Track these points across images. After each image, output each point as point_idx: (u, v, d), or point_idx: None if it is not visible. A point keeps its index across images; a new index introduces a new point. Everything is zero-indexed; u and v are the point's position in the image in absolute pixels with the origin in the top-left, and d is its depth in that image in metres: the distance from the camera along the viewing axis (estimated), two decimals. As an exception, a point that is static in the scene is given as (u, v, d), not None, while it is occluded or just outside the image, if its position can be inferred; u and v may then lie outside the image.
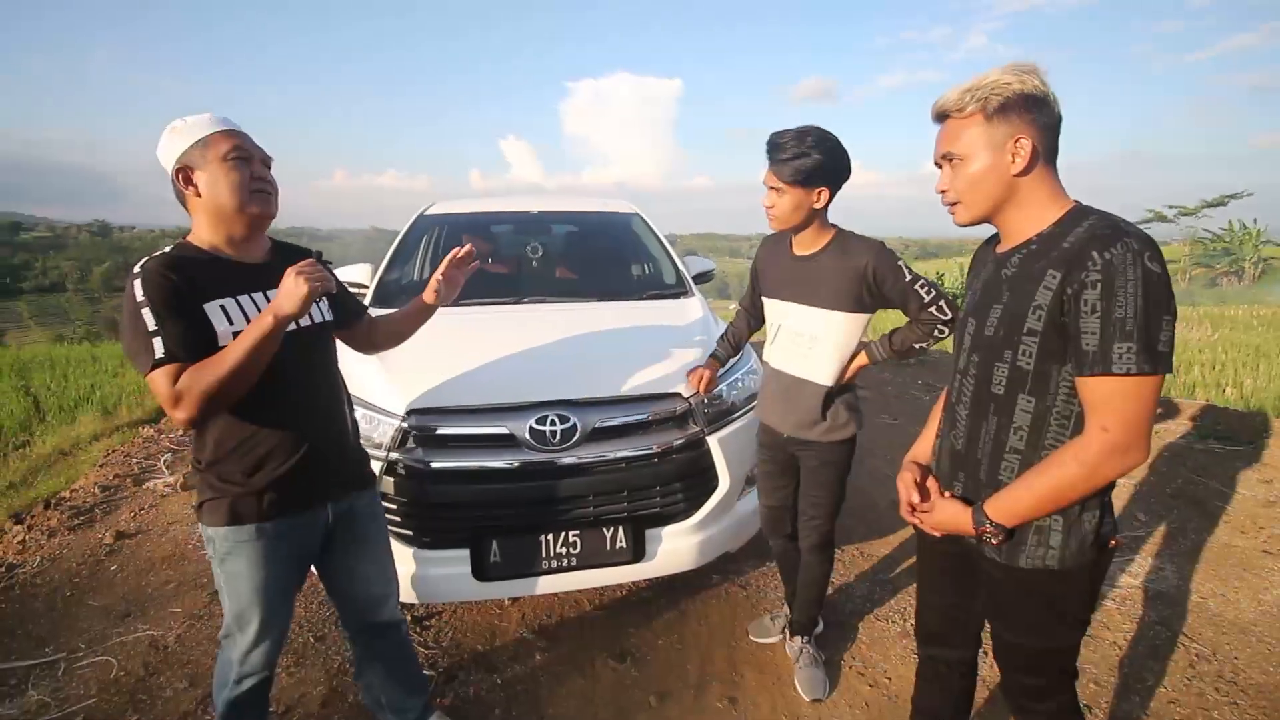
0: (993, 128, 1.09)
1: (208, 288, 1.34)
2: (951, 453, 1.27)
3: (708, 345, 2.45)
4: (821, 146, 1.66)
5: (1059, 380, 1.09)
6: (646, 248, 3.55)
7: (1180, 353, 9.02)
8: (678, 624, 2.41)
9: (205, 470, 1.42)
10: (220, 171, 1.35)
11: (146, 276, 1.29)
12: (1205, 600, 2.52)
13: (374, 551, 1.67)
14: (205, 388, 1.26)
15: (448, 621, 2.43)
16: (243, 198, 1.37)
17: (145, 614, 2.58)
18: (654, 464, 2.07)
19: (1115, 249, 0.99)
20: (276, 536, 1.45)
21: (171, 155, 1.36)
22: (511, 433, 1.96)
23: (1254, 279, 30.19)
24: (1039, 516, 1.12)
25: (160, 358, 1.26)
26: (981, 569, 1.25)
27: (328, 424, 1.55)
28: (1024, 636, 1.23)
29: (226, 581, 1.46)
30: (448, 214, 3.63)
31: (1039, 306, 1.06)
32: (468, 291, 3.00)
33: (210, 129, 1.37)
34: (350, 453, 1.62)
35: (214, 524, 1.41)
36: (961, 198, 1.15)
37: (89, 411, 6.01)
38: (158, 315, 1.27)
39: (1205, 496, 3.43)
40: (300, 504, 1.49)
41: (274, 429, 1.42)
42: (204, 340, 1.31)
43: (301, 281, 1.29)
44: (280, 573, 1.49)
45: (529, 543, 1.96)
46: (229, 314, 1.36)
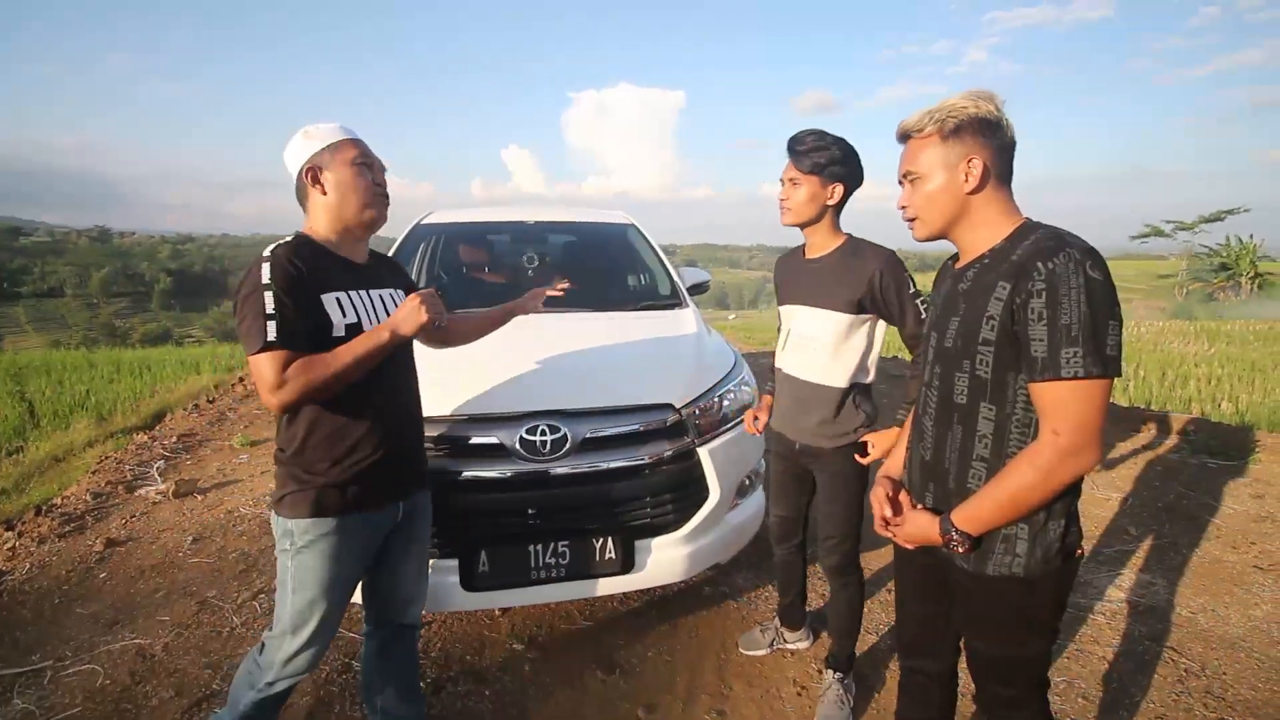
0: (948, 148, 1.16)
1: (326, 279, 1.43)
2: (921, 464, 1.30)
3: (702, 356, 2.46)
4: (840, 145, 1.72)
5: (1016, 388, 1.13)
6: (642, 258, 3.57)
7: (1177, 366, 9.04)
8: (668, 636, 2.41)
9: (290, 460, 1.46)
10: (348, 174, 1.47)
11: (276, 261, 1.37)
12: (1195, 615, 2.52)
13: (420, 550, 1.72)
14: (310, 381, 1.33)
15: (437, 632, 2.42)
16: (367, 199, 1.49)
17: (133, 622, 2.57)
18: (644, 475, 2.08)
19: (1058, 259, 1.03)
20: (356, 530, 1.50)
21: (302, 156, 1.46)
22: (502, 442, 1.97)
23: (1250, 294, 30.32)
24: (1002, 524, 1.15)
25: (272, 340, 1.32)
26: (954, 579, 1.28)
27: (410, 419, 1.64)
28: (995, 645, 1.25)
29: (297, 576, 1.47)
30: (444, 223, 3.65)
31: (991, 317, 1.11)
32: (462, 300, 3.05)
33: (340, 135, 1.49)
34: (422, 450, 1.70)
35: (297, 515, 1.44)
36: (919, 213, 1.22)
37: (84, 417, 6.01)
38: (279, 300, 1.34)
39: (1196, 511, 3.43)
40: (383, 498, 1.54)
41: (363, 421, 1.48)
42: (317, 330, 1.39)
43: (424, 310, 1.44)
44: (351, 569, 1.53)
45: (518, 553, 1.96)
46: (343, 306, 1.44)
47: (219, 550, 3.15)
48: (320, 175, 1.47)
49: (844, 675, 2.04)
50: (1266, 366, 9.04)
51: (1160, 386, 7.84)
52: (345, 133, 1.51)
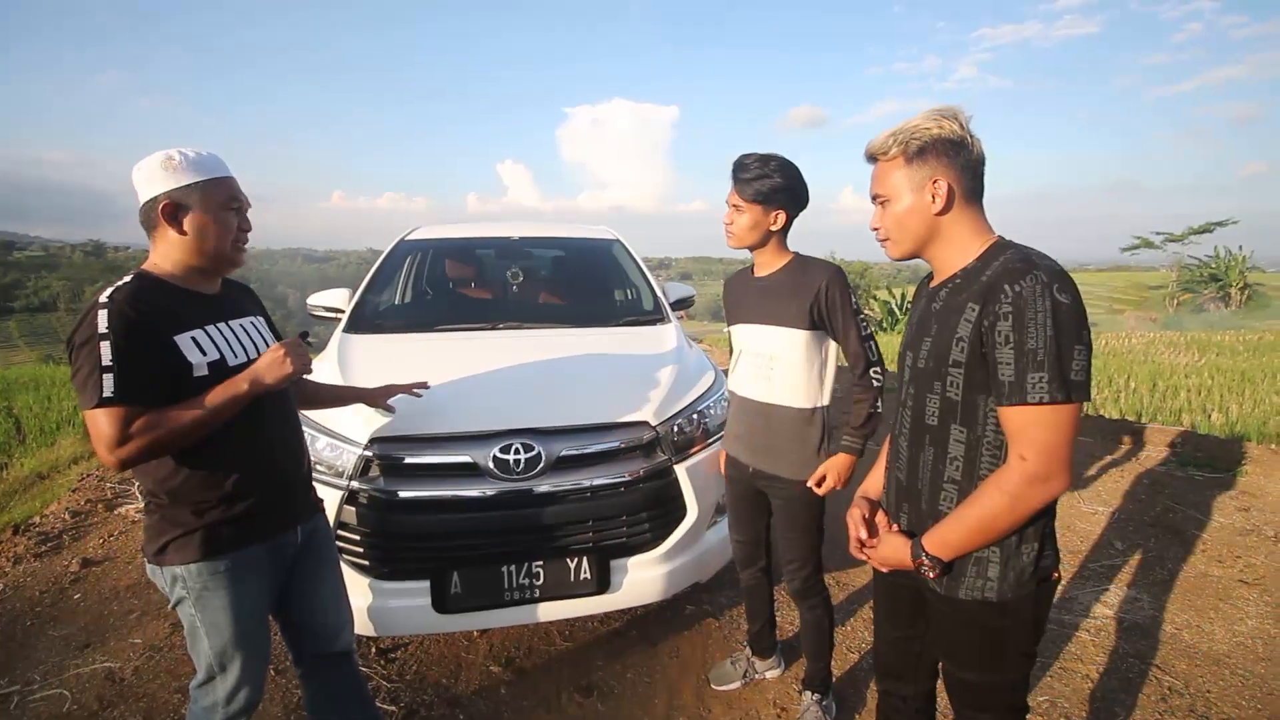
0: (913, 170, 1.15)
1: (177, 318, 1.33)
2: (897, 485, 1.30)
3: (681, 372, 2.45)
4: (783, 171, 1.72)
5: (987, 411, 1.12)
6: (626, 274, 3.56)
7: (1168, 377, 9.07)
8: (647, 657, 2.37)
9: (168, 503, 1.36)
10: (215, 219, 1.36)
11: (114, 309, 1.26)
12: (1179, 631, 2.50)
13: (333, 575, 1.66)
14: (156, 439, 1.24)
15: (412, 654, 2.38)
16: (226, 247, 1.40)
17: (105, 644, 2.52)
18: (620, 493, 2.05)
19: (1025, 281, 1.03)
20: (253, 564, 1.43)
21: (160, 186, 1.33)
22: (475, 461, 1.95)
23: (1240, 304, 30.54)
24: (973, 548, 1.13)
25: (108, 396, 1.22)
26: (929, 603, 1.26)
27: (294, 442, 1.57)
28: (970, 670, 1.24)
29: (204, 621, 1.38)
30: (428, 239, 3.65)
31: (961, 339, 1.10)
32: (444, 317, 3.03)
33: (211, 174, 1.37)
34: (310, 476, 1.63)
35: (185, 560, 1.35)
36: (890, 234, 1.21)
37: (71, 434, 5.95)
38: (118, 350, 1.23)
39: (1183, 525, 3.42)
40: (276, 529, 1.47)
41: (244, 455, 1.40)
42: (174, 375, 1.30)
43: (288, 362, 1.37)
44: (260, 602, 1.46)
45: (491, 574, 1.93)
46: (200, 345, 1.35)
47: (196, 570, 3.10)
48: (180, 215, 1.34)
49: (822, 696, 2.01)
50: (1257, 377, 9.07)
51: (1151, 397, 7.86)
52: (216, 169, 1.38)
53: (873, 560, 1.29)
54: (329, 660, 1.67)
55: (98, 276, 73.20)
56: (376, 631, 1.95)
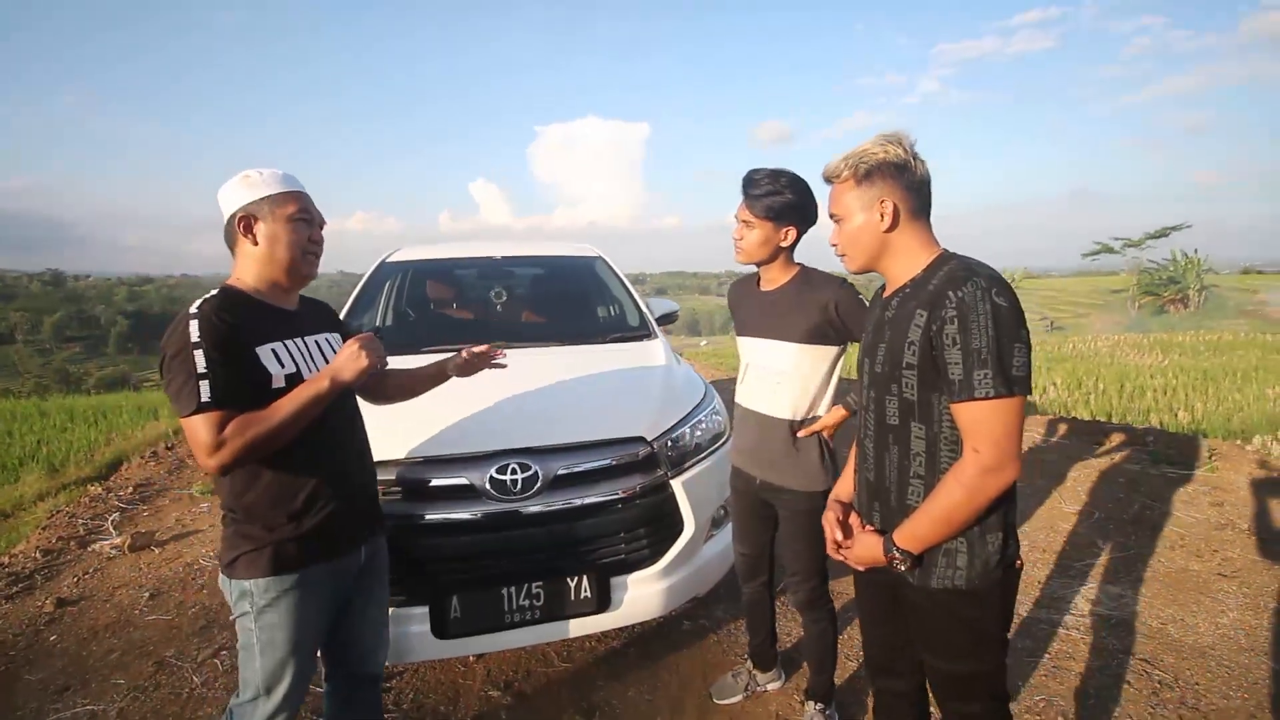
0: (863, 191, 1.26)
1: (258, 330, 1.38)
2: (866, 485, 1.37)
3: (672, 387, 2.46)
4: (794, 187, 1.73)
5: (940, 408, 1.20)
6: (610, 291, 3.58)
7: (1133, 379, 9.34)
8: (648, 674, 2.36)
9: (242, 518, 1.39)
10: (284, 230, 1.42)
11: (204, 317, 1.31)
12: (1165, 626, 2.56)
13: (383, 595, 1.67)
14: (250, 440, 1.28)
15: (408, 682, 2.33)
16: (297, 256, 1.44)
17: (86, 687, 2.43)
18: (617, 510, 2.05)
19: (966, 288, 1.12)
20: (319, 582, 1.44)
21: (237, 202, 1.41)
22: (471, 483, 1.93)
23: (1199, 306, 31.62)
24: (940, 540, 1.21)
25: (206, 401, 1.26)
26: (906, 597, 1.33)
27: (361, 461, 1.60)
28: (949, 660, 1.30)
29: (263, 637, 1.39)
30: (410, 260, 3.63)
31: (912, 342, 1.19)
32: (430, 338, 3.02)
33: (283, 187, 1.44)
34: (377, 491, 1.66)
35: (254, 575, 1.37)
36: (846, 250, 1.32)
37: (35, 469, 5.74)
38: (210, 359, 1.28)
39: (1161, 521, 3.52)
40: (344, 545, 1.49)
41: (315, 470, 1.43)
42: (255, 385, 1.34)
43: (363, 355, 1.40)
44: (319, 621, 1.47)
45: (491, 596, 1.91)
46: (279, 357, 1.39)
47: (177, 605, 3.01)
48: (254, 225, 1.41)
49: (825, 706, 2.02)
50: (1218, 375, 9.39)
51: (1120, 398, 8.08)
52: (288, 184, 1.45)
53: (849, 560, 1.36)
54: (361, 679, 1.67)
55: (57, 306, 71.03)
56: (375, 660, 1.91)
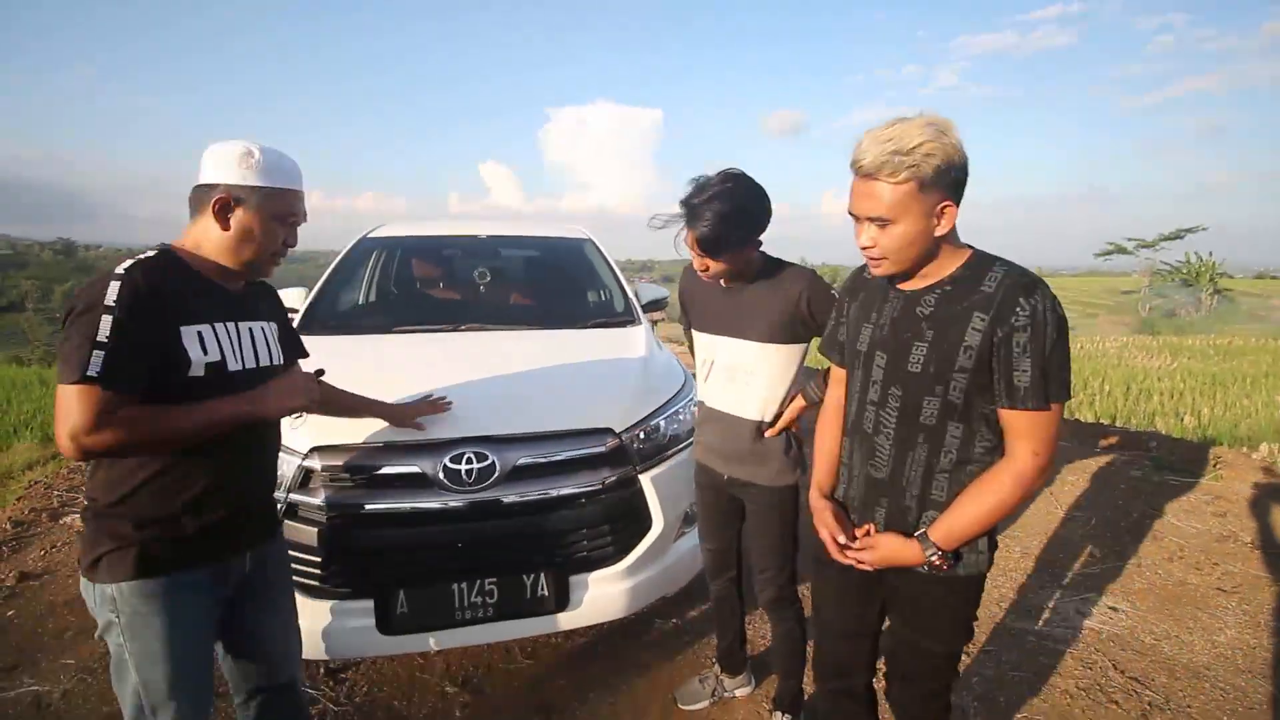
0: (925, 196, 1.12)
1: (189, 307, 1.22)
2: (869, 480, 1.32)
3: (648, 377, 2.34)
4: (743, 210, 1.56)
5: (981, 408, 1.19)
6: (597, 274, 3.45)
7: (1141, 381, 9.17)
8: (612, 675, 2.25)
9: (107, 513, 1.21)
10: (263, 228, 1.28)
11: (128, 282, 1.14)
12: (1159, 643, 2.44)
13: (285, 603, 1.52)
14: (135, 437, 1.13)
15: (364, 674, 2.24)
16: (264, 259, 1.33)
17: (35, 666, 2.35)
18: (580, 505, 1.94)
19: (1036, 297, 1.11)
20: (195, 588, 1.28)
21: (225, 177, 1.25)
22: (424, 472, 1.82)
23: (1210, 309, 31.20)
24: (976, 535, 1.23)
25: (93, 375, 1.08)
26: (898, 588, 1.34)
27: (265, 470, 1.45)
28: (942, 642, 1.33)
29: (134, 652, 1.23)
30: (392, 236, 3.51)
31: (969, 347, 1.15)
32: (403, 318, 2.90)
33: (283, 183, 1.30)
34: (274, 501, 1.52)
35: (117, 579, 1.20)
36: (889, 255, 1.19)
37: (28, 438, 5.69)
38: (118, 328, 1.11)
39: (1161, 531, 3.39)
40: (227, 553, 1.33)
41: (210, 471, 1.27)
42: (167, 369, 1.18)
43: (298, 396, 1.34)
44: (199, 633, 1.31)
45: (440, 592, 1.81)
46: (204, 342, 1.23)
47: (140, 584, 2.94)
48: (232, 210, 1.26)
49: (793, 717, 1.92)
50: (1227, 380, 9.21)
51: (1125, 401, 7.92)
52: (289, 179, 1.31)
53: (864, 561, 1.30)
54: (274, 690, 1.52)
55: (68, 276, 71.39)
56: (316, 655, 1.81)
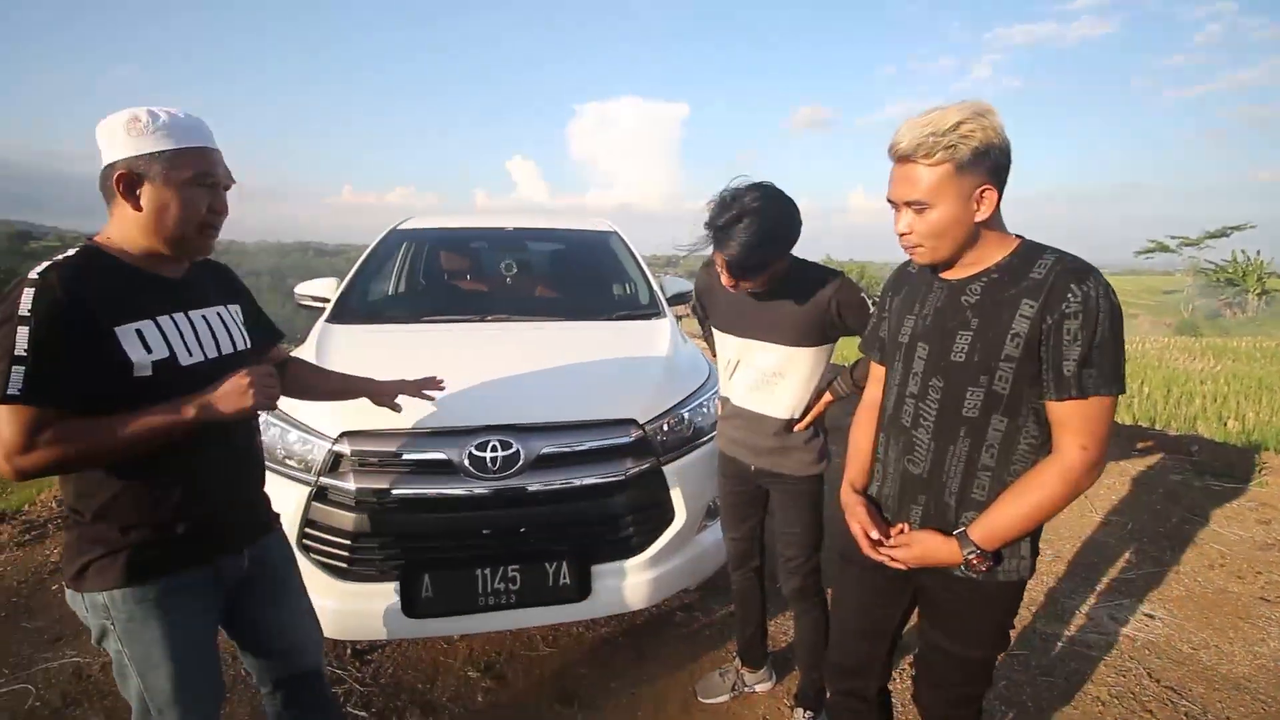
0: (962, 179, 1.09)
1: (123, 304, 1.12)
2: (905, 476, 1.27)
3: (672, 369, 2.33)
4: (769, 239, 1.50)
5: (1029, 401, 1.14)
6: (623, 267, 3.45)
7: (1183, 384, 8.87)
8: (634, 665, 2.26)
9: (90, 521, 1.15)
10: (177, 197, 1.14)
11: (44, 288, 1.04)
12: (1197, 651, 2.36)
13: (290, 598, 1.48)
14: (70, 455, 1.05)
15: (389, 656, 2.28)
16: (190, 233, 1.18)
17: (76, 639, 2.44)
18: (603, 495, 1.95)
19: (1089, 283, 1.06)
20: (188, 590, 1.22)
21: (121, 151, 1.12)
22: (449, 458, 1.84)
23: (1258, 310, 30.04)
24: (1021, 536, 1.17)
25: (14, 394, 1.00)
26: (932, 590, 1.29)
27: (248, 461, 1.38)
28: (978, 649, 1.28)
29: (136, 657, 1.18)
30: (421, 229, 3.55)
31: (1017, 334, 1.10)
32: (430, 308, 2.94)
33: (182, 142, 1.14)
34: (264, 494, 1.46)
35: (107, 586, 1.14)
36: (925, 242, 1.16)
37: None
38: (38, 340, 1.02)
39: (1201, 537, 3.27)
40: (215, 551, 1.27)
41: (189, 470, 1.20)
42: (110, 375, 1.10)
43: (250, 394, 1.16)
44: (200, 633, 1.26)
45: (464, 577, 1.83)
46: (148, 340, 1.13)
47: (176, 563, 3.03)
48: (137, 186, 1.13)
49: (815, 714, 1.90)
50: (1274, 384, 8.86)
51: (1166, 403, 7.67)
52: (191, 137, 1.16)
53: (899, 559, 1.25)
54: (293, 682, 1.51)
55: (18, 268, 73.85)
56: (341, 635, 1.85)
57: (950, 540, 1.18)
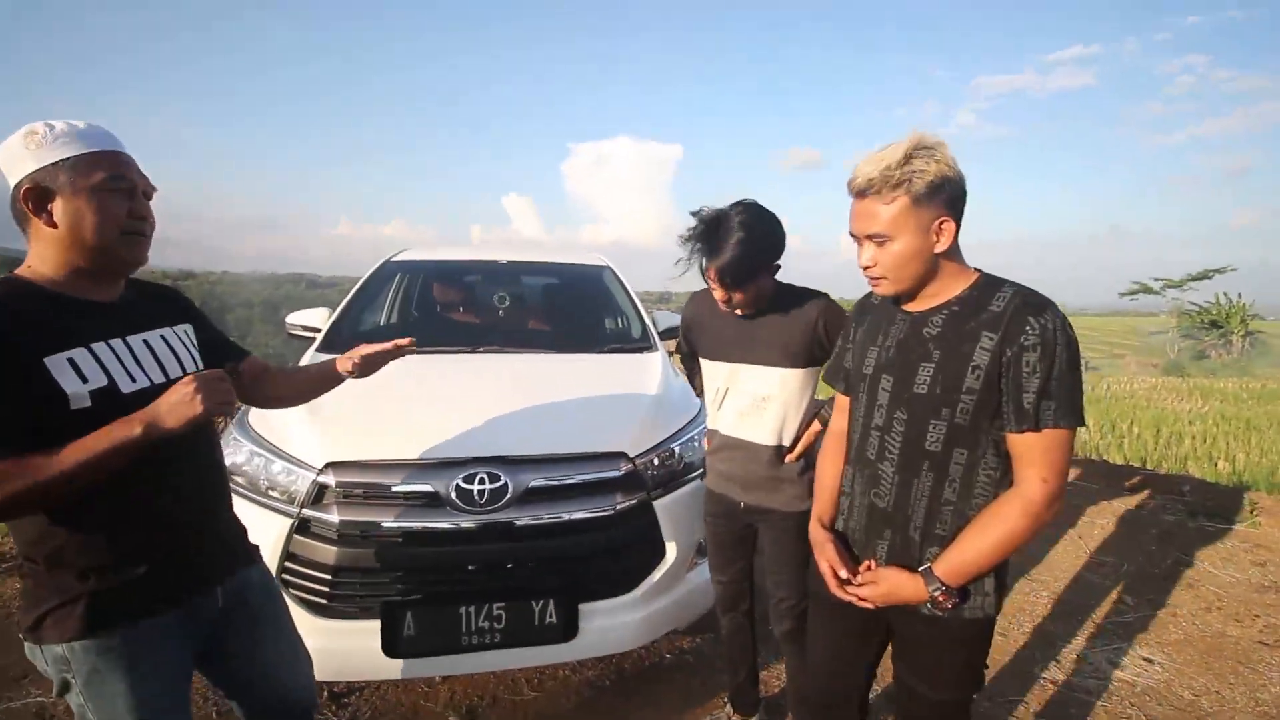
0: (919, 211, 1.12)
1: (53, 334, 1.05)
2: (871, 510, 1.28)
3: (663, 403, 2.32)
4: (757, 246, 1.55)
5: (988, 433, 1.15)
6: (615, 301, 3.46)
7: (1171, 424, 8.91)
8: (620, 710, 2.18)
9: (44, 568, 1.07)
10: (90, 205, 1.07)
11: None
12: (1198, 698, 2.31)
13: (276, 635, 1.40)
14: (18, 492, 0.96)
15: (367, 699, 2.19)
16: (112, 239, 1.10)
17: (41, 677, 2.32)
18: (592, 530, 1.90)
19: (1046, 316, 1.09)
20: (157, 637, 1.15)
21: (21, 169, 1.06)
22: (436, 490, 1.80)
23: (1242, 351, 30.46)
24: (985, 572, 1.16)
25: None
26: (901, 629, 1.27)
27: (214, 483, 1.30)
28: (948, 691, 1.26)
29: (96, 712, 1.10)
30: (415, 260, 3.56)
31: (977, 367, 1.12)
32: (423, 338, 2.91)
33: (85, 147, 1.08)
34: (234, 520, 1.37)
35: (67, 637, 1.07)
36: (888, 274, 1.19)
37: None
38: None
39: (1197, 579, 3.24)
40: (185, 591, 1.20)
41: (146, 504, 1.13)
42: (45, 410, 1.02)
43: (197, 401, 1.05)
44: (170, 684, 1.18)
45: (448, 615, 1.77)
46: (82, 369, 1.05)
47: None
48: (48, 201, 1.06)
49: None
50: (1262, 425, 8.91)
51: (1156, 444, 7.69)
52: (94, 141, 1.10)
53: (866, 598, 1.23)
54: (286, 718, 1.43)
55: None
56: (320, 676, 1.77)
57: (915, 577, 1.18)
